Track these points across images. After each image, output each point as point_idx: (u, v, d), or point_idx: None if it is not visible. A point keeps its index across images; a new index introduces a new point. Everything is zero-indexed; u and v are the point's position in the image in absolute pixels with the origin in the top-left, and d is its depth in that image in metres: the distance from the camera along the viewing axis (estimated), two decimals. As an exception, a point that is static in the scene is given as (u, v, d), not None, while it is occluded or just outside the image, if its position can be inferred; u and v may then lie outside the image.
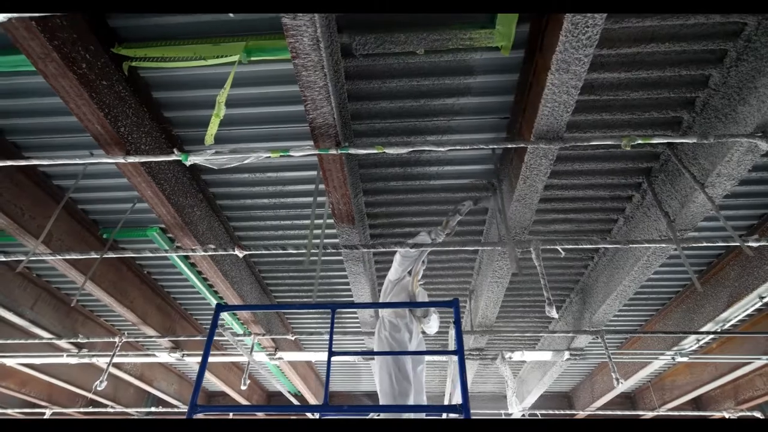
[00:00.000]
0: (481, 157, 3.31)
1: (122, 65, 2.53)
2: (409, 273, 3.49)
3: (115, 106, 2.50)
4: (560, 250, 3.21)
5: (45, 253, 3.36)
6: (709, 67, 2.60)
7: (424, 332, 3.54)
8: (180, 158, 2.50)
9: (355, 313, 5.59)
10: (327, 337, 5.94)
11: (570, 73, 2.10)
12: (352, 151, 2.47)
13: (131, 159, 2.53)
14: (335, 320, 5.87)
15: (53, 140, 3.23)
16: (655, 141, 2.38)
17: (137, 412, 9.03)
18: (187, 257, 4.57)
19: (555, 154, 2.61)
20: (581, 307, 5.06)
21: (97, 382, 4.64)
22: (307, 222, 4.01)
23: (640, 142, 2.38)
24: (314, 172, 3.45)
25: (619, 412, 7.94)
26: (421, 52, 2.49)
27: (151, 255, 4.46)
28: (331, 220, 3.46)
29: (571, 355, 5.32)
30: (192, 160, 2.51)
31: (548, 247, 3.13)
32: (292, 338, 4.87)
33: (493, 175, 3.49)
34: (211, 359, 6.09)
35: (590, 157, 3.27)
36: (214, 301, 5.25)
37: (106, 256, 3.27)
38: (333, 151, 2.48)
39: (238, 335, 5.62)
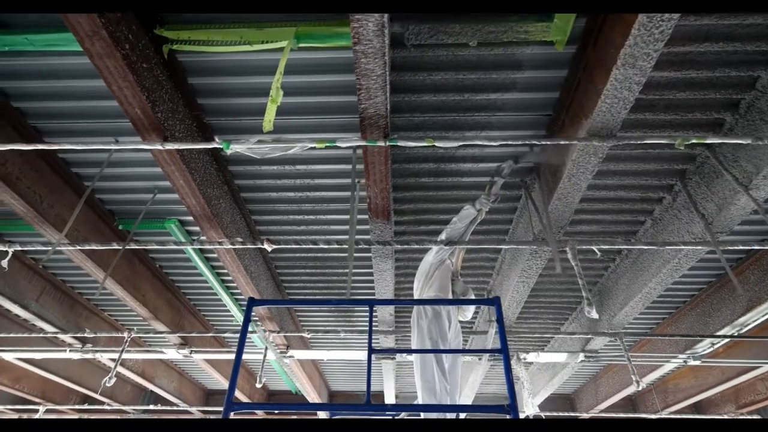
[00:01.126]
0: (516, 154, 3.26)
1: (162, 48, 2.43)
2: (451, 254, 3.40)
3: (154, 90, 2.40)
4: (596, 250, 3.19)
5: (64, 243, 3.22)
6: (759, 69, 2.58)
7: (460, 320, 3.45)
8: (221, 146, 2.41)
9: (366, 311, 5.51)
10: (340, 335, 5.89)
11: (636, 69, 2.05)
12: (401, 143, 2.40)
13: (169, 146, 2.43)
14: (347, 317, 5.80)
15: (76, 125, 3.11)
16: (708, 141, 2.35)
17: (134, 410, 8.86)
18: (202, 251, 4.46)
19: (605, 153, 2.57)
20: (598, 308, 5.04)
21: (106, 378, 4.49)
22: (332, 217, 3.94)
23: (694, 141, 2.35)
24: (345, 166, 3.38)
25: (621, 415, 7.96)
26: (474, 44, 2.43)
27: (164, 248, 4.35)
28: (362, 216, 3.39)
29: (585, 357, 5.31)
30: (234, 148, 2.42)
31: (584, 247, 3.09)
32: (308, 335, 4.78)
33: (527, 173, 3.45)
34: (217, 356, 5.98)
35: (627, 158, 3.25)
36: (226, 297, 5.14)
37: (128, 247, 3.16)
38: (381, 143, 2.41)
39: (251, 332, 5.52)
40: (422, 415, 2.89)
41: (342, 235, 4.04)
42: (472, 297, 3.55)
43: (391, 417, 4.61)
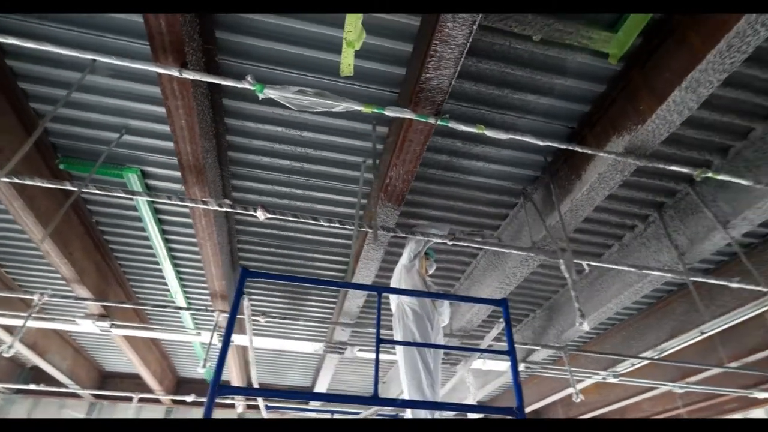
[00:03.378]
0: (530, 162, 3.29)
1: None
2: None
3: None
4: (585, 266, 3.32)
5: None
6: (757, 121, 2.89)
7: None
8: (254, 88, 2.06)
9: (323, 298, 5.24)
10: (289, 323, 5.49)
11: (695, 94, 2.16)
12: (452, 124, 2.26)
13: (188, 75, 2.02)
14: (301, 304, 5.42)
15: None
16: (720, 177, 2.56)
17: (6, 388, 7.47)
18: (157, 210, 3.87)
19: (631, 171, 2.68)
20: (546, 323, 5.34)
21: (4, 347, 3.67)
22: (322, 195, 3.65)
23: (710, 176, 2.54)
24: (354, 142, 3.14)
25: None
26: (537, 39, 2.38)
27: (110, 200, 3.71)
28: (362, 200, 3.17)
29: (526, 367, 5.57)
30: (269, 93, 2.08)
31: (576, 261, 3.20)
32: (263, 320, 4.37)
33: (530, 182, 3.50)
34: (140, 333, 5.24)
35: (622, 183, 3.44)
36: (169, 267, 4.52)
37: (86, 190, 2.59)
38: (431, 120, 2.24)
39: (181, 308, 4.93)
40: (410, 413, 2.77)
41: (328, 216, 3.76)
42: (447, 308, 3.66)
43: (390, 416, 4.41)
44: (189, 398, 6.62)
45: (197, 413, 8.61)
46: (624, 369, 5.80)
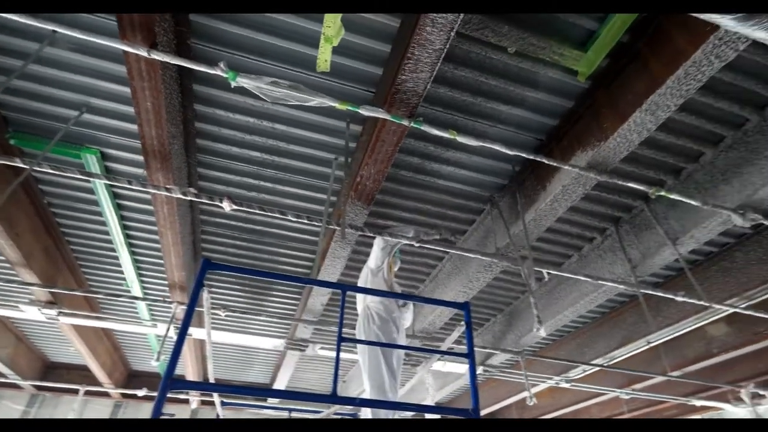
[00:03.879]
0: (499, 170, 3.37)
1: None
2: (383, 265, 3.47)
3: (154, -18, 1.91)
4: (545, 273, 3.44)
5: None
6: (707, 146, 3.08)
7: None
8: (226, 75, 2.01)
9: (287, 294, 5.17)
10: (249, 318, 5.38)
11: (654, 116, 2.28)
12: (425, 127, 2.28)
13: (156, 55, 1.94)
14: (262, 299, 5.32)
15: None
16: (672, 196, 2.71)
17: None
18: (116, 195, 3.70)
19: (592, 185, 2.79)
20: (506, 328, 5.48)
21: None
22: (291, 190, 3.60)
23: (663, 194, 2.68)
24: (328, 139, 3.12)
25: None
26: (512, 51, 2.45)
27: (59, 180, 3.53)
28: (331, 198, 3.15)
29: (484, 370, 5.70)
30: (242, 82, 2.04)
31: (537, 269, 3.31)
32: (223, 314, 4.27)
33: (498, 190, 3.58)
34: (91, 323, 5.01)
35: (583, 197, 3.58)
36: (126, 256, 4.34)
37: (39, 168, 2.45)
38: (404, 122, 2.26)
39: (136, 299, 4.75)
40: (370, 412, 2.78)
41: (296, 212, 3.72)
42: (411, 310, 3.67)
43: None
44: (140, 392, 6.35)
45: (148, 408, 8.28)
46: (576, 375, 6.03)
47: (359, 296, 3.51)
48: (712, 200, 3.03)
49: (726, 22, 1.52)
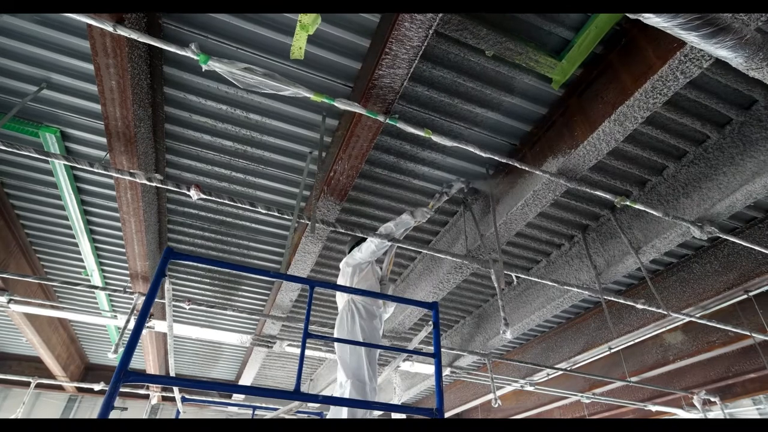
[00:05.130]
0: (473, 172, 3.40)
1: None
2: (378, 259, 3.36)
3: (124, -45, 1.82)
4: (514, 277, 3.48)
5: None
6: (670, 160, 3.20)
7: None
8: (197, 57, 1.94)
9: (255, 289, 5.07)
10: (216, 311, 5.24)
11: (621, 127, 2.34)
12: (400, 124, 2.27)
13: (122, 31, 1.85)
14: (231, 293, 5.19)
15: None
16: (637, 206, 2.79)
17: None
18: (76, 178, 3.54)
19: (562, 191, 2.84)
20: (474, 330, 5.54)
21: None
22: (263, 182, 3.52)
23: (628, 204, 2.76)
24: (304, 132, 3.07)
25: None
26: (490, 54, 2.47)
27: (13, 159, 3.36)
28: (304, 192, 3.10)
29: (451, 371, 5.74)
30: (213, 66, 1.97)
31: (507, 272, 3.35)
32: (187, 306, 4.14)
33: (471, 193, 3.61)
34: (46, 312, 4.77)
35: (553, 203, 3.66)
36: (86, 241, 4.15)
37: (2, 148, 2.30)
38: (380, 118, 2.24)
39: (96, 288, 4.55)
40: (346, 412, 2.71)
41: (268, 204, 3.64)
42: (393, 305, 3.60)
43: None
44: (97, 386, 6.09)
45: (104, 403, 7.99)
46: (540, 378, 6.16)
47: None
48: (673, 212, 3.15)
49: (691, 38, 1.57)
